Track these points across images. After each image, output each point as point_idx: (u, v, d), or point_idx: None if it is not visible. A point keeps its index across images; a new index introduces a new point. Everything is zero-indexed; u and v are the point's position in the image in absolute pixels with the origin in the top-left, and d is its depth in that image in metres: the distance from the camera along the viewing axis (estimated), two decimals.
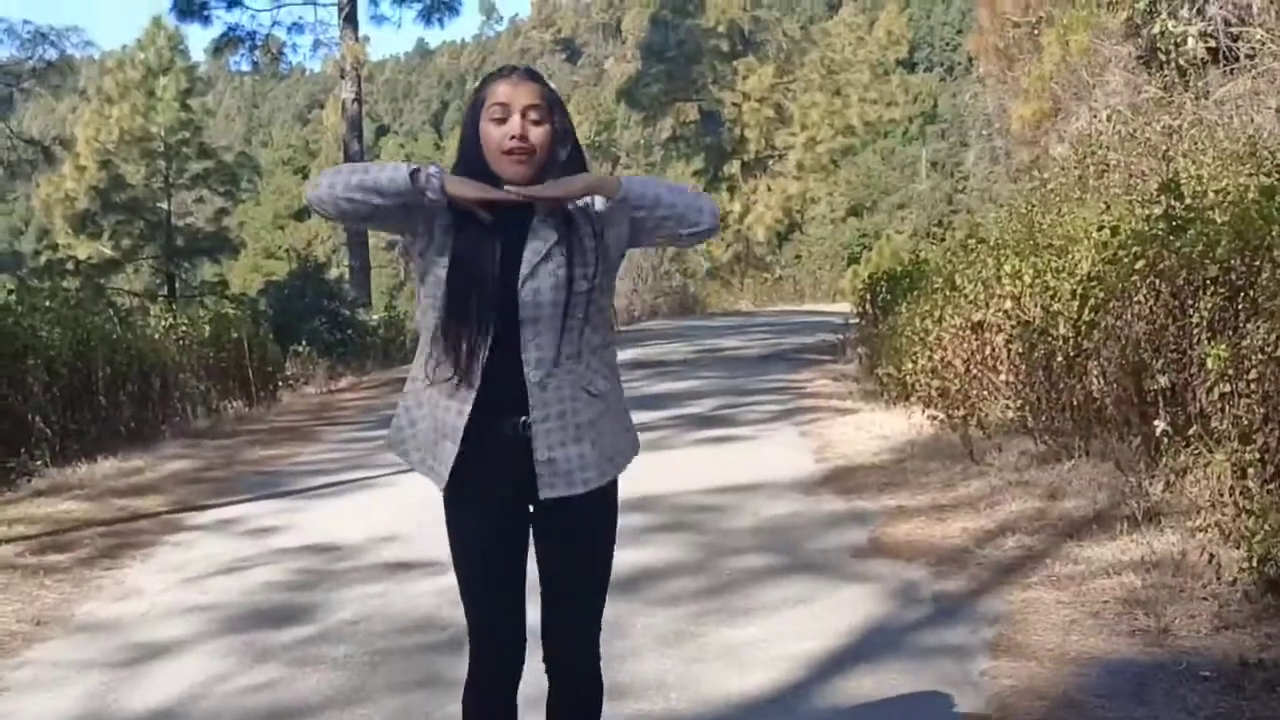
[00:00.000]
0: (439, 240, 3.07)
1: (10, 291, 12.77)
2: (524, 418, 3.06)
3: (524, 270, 3.03)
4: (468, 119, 3.14)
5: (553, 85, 3.22)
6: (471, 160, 3.09)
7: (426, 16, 33.11)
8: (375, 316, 28.03)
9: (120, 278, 30.79)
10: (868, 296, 16.43)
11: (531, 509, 3.19)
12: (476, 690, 3.32)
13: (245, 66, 33.78)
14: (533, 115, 3.03)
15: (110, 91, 33.52)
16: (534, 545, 3.25)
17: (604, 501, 3.22)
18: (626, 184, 3.04)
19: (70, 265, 28.40)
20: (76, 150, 31.80)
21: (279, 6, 32.11)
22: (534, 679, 3.32)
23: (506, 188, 3.02)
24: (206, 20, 31.83)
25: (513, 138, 3.01)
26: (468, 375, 3.05)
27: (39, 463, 10.30)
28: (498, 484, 3.13)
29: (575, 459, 3.11)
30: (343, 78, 32.13)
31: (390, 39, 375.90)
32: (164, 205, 31.12)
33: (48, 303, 12.61)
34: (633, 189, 3.05)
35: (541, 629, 3.28)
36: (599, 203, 3.07)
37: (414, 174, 2.94)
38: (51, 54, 21.62)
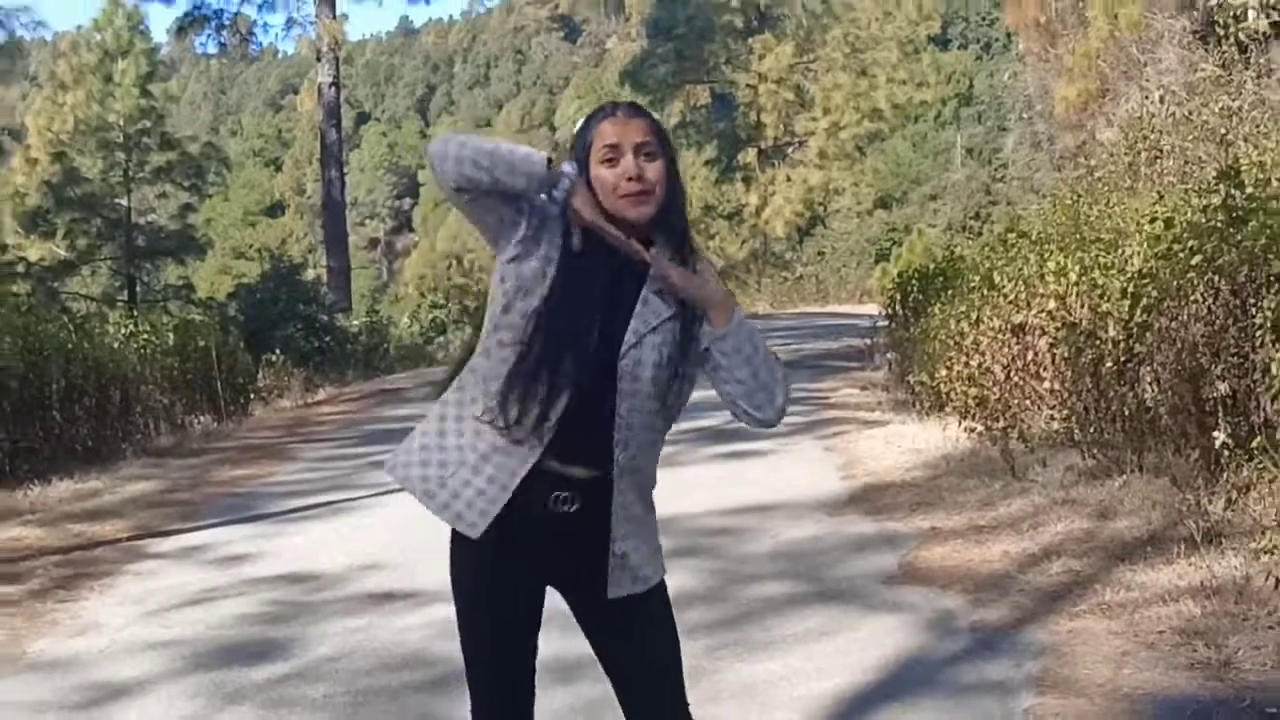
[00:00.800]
0: (538, 267, 2.96)
1: None
2: (585, 500, 2.99)
3: (630, 337, 2.95)
4: (579, 155, 3.03)
5: (657, 118, 3.15)
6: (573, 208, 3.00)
7: None
8: (356, 322, 28.13)
9: (76, 281, 30.82)
10: (898, 297, 16.39)
11: (572, 601, 3.17)
12: None
13: (212, 48, 34.02)
14: (647, 151, 2.97)
15: (64, 77, 33.56)
16: (598, 643, 3.21)
17: (663, 595, 3.19)
18: (737, 324, 2.98)
19: (20, 268, 28.41)
20: (27, 142, 31.88)
21: None
22: None
23: (632, 242, 2.94)
24: None
25: (630, 179, 2.94)
26: (531, 435, 2.93)
27: None
28: (533, 563, 3.06)
29: (643, 553, 3.09)
30: (319, 60, 32.26)
31: (371, 16, 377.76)
32: (123, 201, 31.14)
33: None
34: (739, 337, 2.98)
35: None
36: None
37: (549, 163, 2.89)
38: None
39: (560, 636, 5.12)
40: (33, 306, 14.96)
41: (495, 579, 3.07)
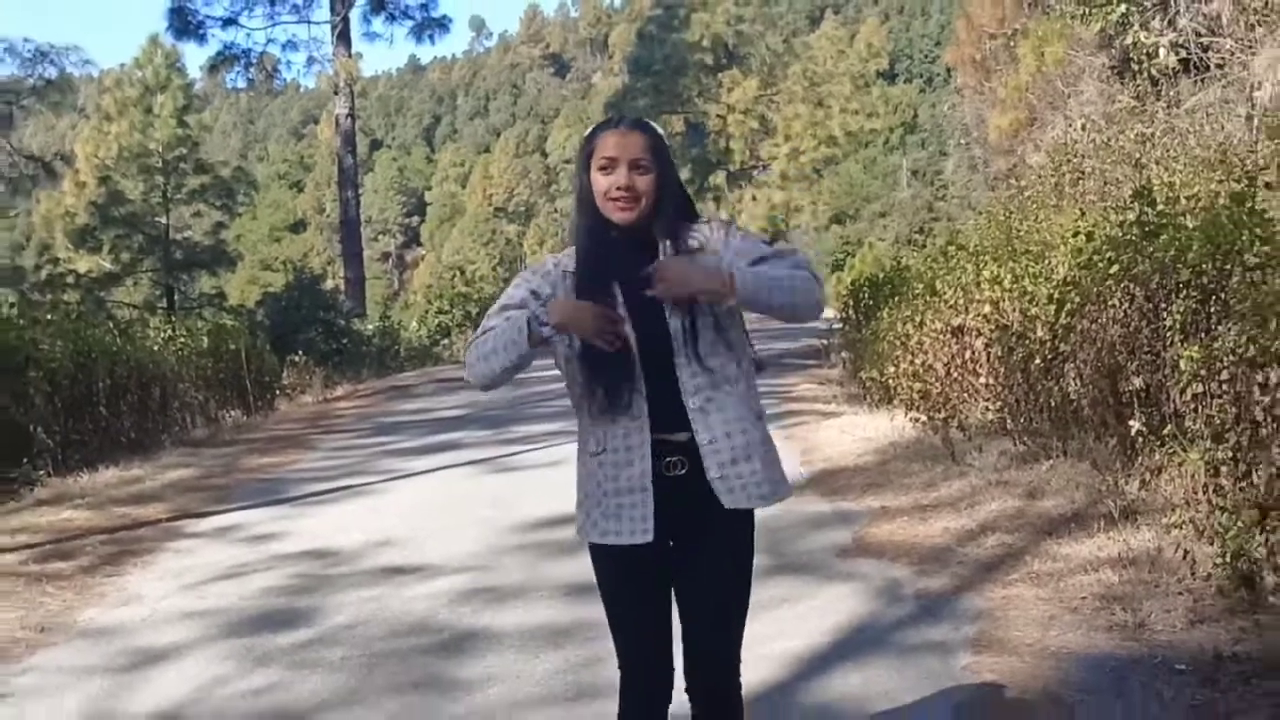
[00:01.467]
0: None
1: (12, 305, 12.74)
2: (678, 456, 3.09)
3: (667, 308, 3.05)
4: (580, 167, 3.16)
5: (657, 129, 3.23)
6: (588, 206, 3.13)
7: (418, 33, 33.27)
8: (370, 326, 28.10)
9: (120, 291, 30.72)
10: (851, 302, 16.44)
11: (672, 543, 3.18)
12: (635, 708, 3.26)
13: (241, 83, 33.89)
14: (640, 166, 3.07)
15: (109, 109, 33.50)
16: (678, 571, 3.21)
17: (750, 530, 3.21)
18: (740, 287, 2.96)
19: (70, 279, 28.32)
20: (76, 166, 31.79)
21: (273, 24, 32.17)
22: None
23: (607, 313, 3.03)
24: (202, 39, 31.87)
25: (619, 188, 3.04)
26: (630, 419, 3.08)
27: (41, 472, 10.30)
28: (657, 531, 3.10)
29: (748, 474, 3.11)
30: (336, 93, 32.20)
31: (382, 55, 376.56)
32: (162, 219, 31.08)
33: (49, 316, 12.61)
34: (745, 292, 2.97)
35: (685, 656, 3.20)
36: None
37: (529, 328, 3.01)
38: (51, 72, 21.63)
39: (547, 607, 5.12)
40: (81, 314, 14.92)
41: (646, 560, 3.14)
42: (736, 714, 3.25)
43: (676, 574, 3.19)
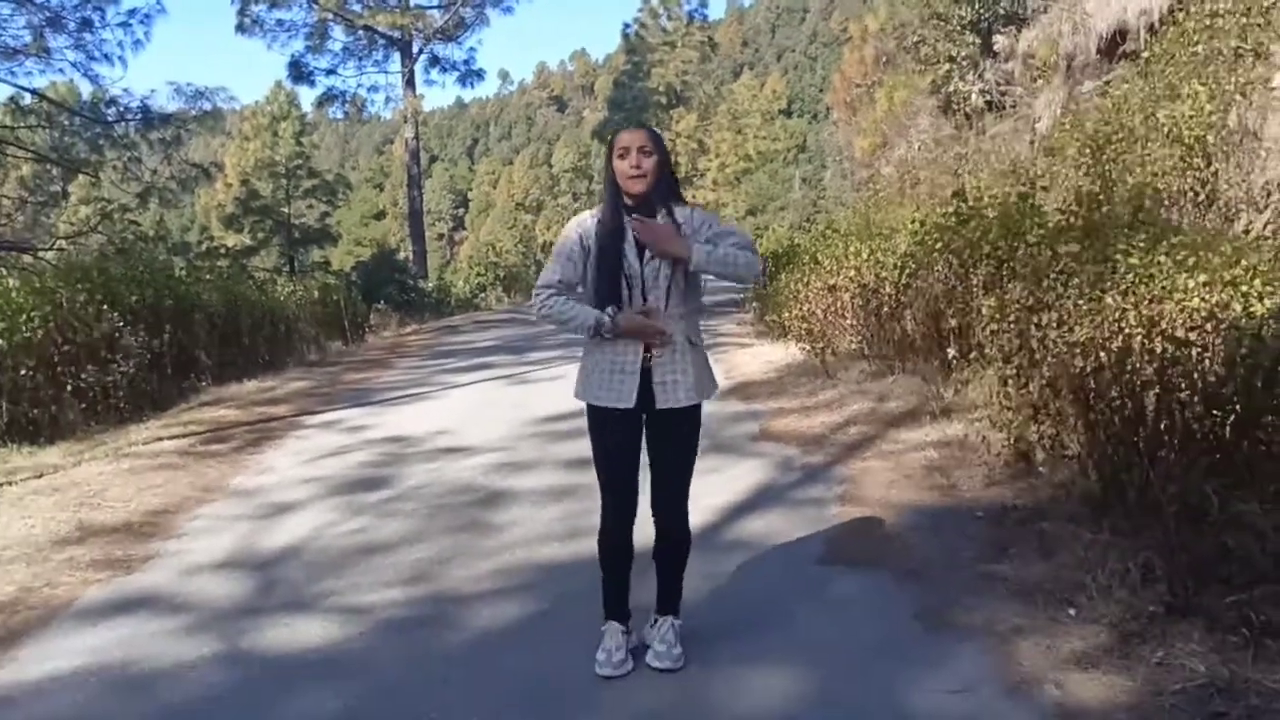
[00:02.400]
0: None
1: (182, 269, 12.60)
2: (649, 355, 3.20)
3: (647, 255, 3.16)
4: (608, 157, 3.23)
5: (657, 130, 3.34)
6: (613, 184, 3.21)
7: (462, 81, 32.96)
8: (430, 284, 27.92)
9: (256, 259, 30.38)
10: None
11: (645, 417, 3.26)
12: (608, 533, 3.35)
13: (339, 115, 33.31)
14: (644, 150, 3.16)
15: (247, 131, 33.18)
16: (647, 442, 3.31)
17: (694, 418, 3.32)
18: (697, 259, 3.11)
19: (222, 251, 27.99)
20: (225, 172, 31.42)
21: (362, 74, 31.78)
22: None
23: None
24: (312, 83, 31.51)
25: (633, 167, 3.14)
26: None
27: (204, 383, 10.24)
28: (637, 402, 3.21)
29: (681, 384, 3.21)
30: (405, 122, 31.85)
31: (437, 95, 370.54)
32: (285, 210, 30.76)
33: (207, 277, 12.49)
34: (700, 263, 3.12)
35: (651, 499, 3.33)
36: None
37: (598, 327, 3.16)
38: (207, 105, 21.19)
39: (552, 475, 5.11)
40: (230, 275, 14.75)
41: (627, 425, 3.26)
42: (687, 538, 3.40)
43: (649, 441, 3.30)
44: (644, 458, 3.33)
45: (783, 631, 3.56)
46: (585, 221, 3.26)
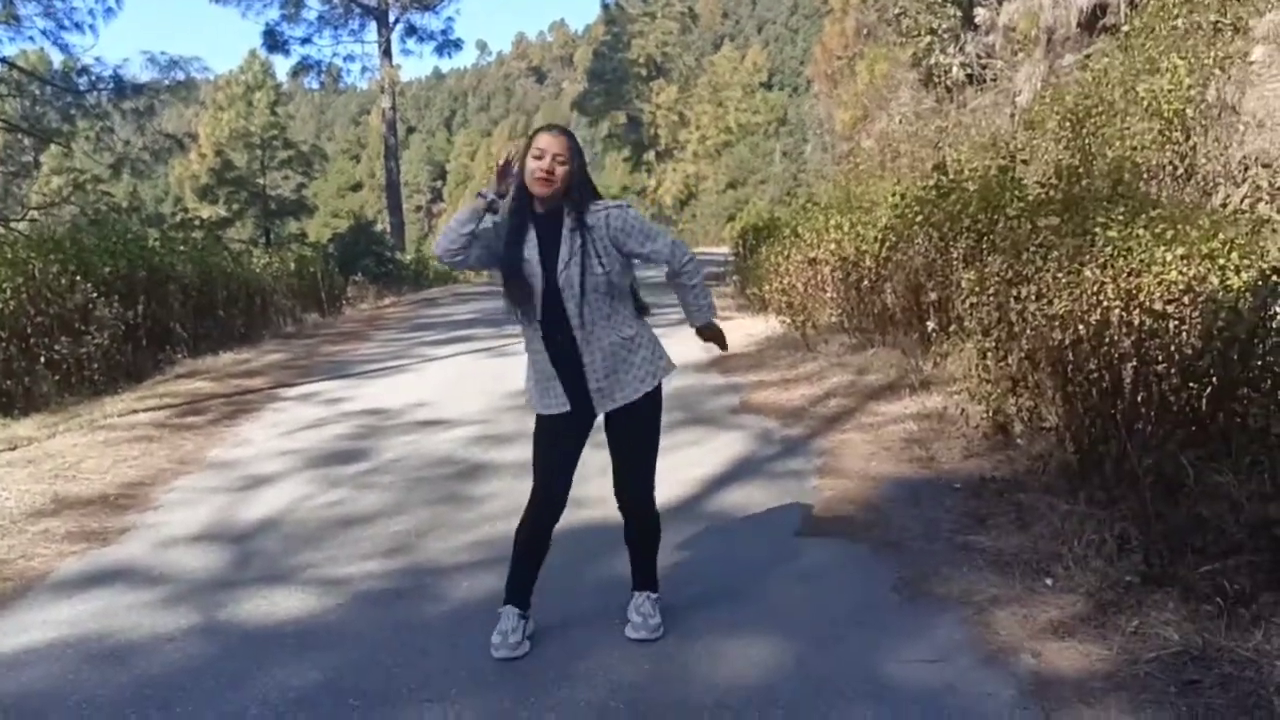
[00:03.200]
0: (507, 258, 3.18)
1: (156, 239, 12.47)
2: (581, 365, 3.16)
3: (559, 266, 3.10)
4: (524, 152, 3.18)
5: (578, 138, 3.24)
6: (520, 186, 3.15)
7: (439, 50, 32.74)
8: (408, 257, 27.75)
9: (231, 230, 30.10)
10: (740, 242, 16.39)
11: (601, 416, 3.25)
12: (526, 525, 3.33)
13: (315, 85, 33.06)
14: (559, 159, 3.10)
15: (221, 101, 32.79)
16: (606, 432, 3.29)
17: (651, 403, 3.25)
18: (712, 318, 3.39)
19: (197, 222, 27.69)
20: (199, 143, 31.09)
21: (338, 43, 31.60)
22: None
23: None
24: (287, 52, 31.25)
25: (543, 170, 3.08)
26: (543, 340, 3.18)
27: (179, 355, 10.17)
28: (579, 409, 3.20)
29: (617, 385, 3.17)
30: (382, 93, 31.64)
31: (414, 66, 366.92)
32: (261, 181, 30.48)
33: (182, 248, 12.37)
34: (710, 309, 3.37)
35: (615, 485, 3.33)
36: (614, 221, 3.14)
37: (482, 198, 3.13)
38: (180, 75, 20.96)
39: (529, 448, 5.04)
40: (206, 246, 14.61)
41: (568, 425, 3.23)
42: (655, 523, 3.40)
43: (608, 432, 3.29)
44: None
45: (760, 602, 3.57)
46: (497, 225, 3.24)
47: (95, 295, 8.87)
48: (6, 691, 3.13)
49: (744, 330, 10.36)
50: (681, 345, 9.76)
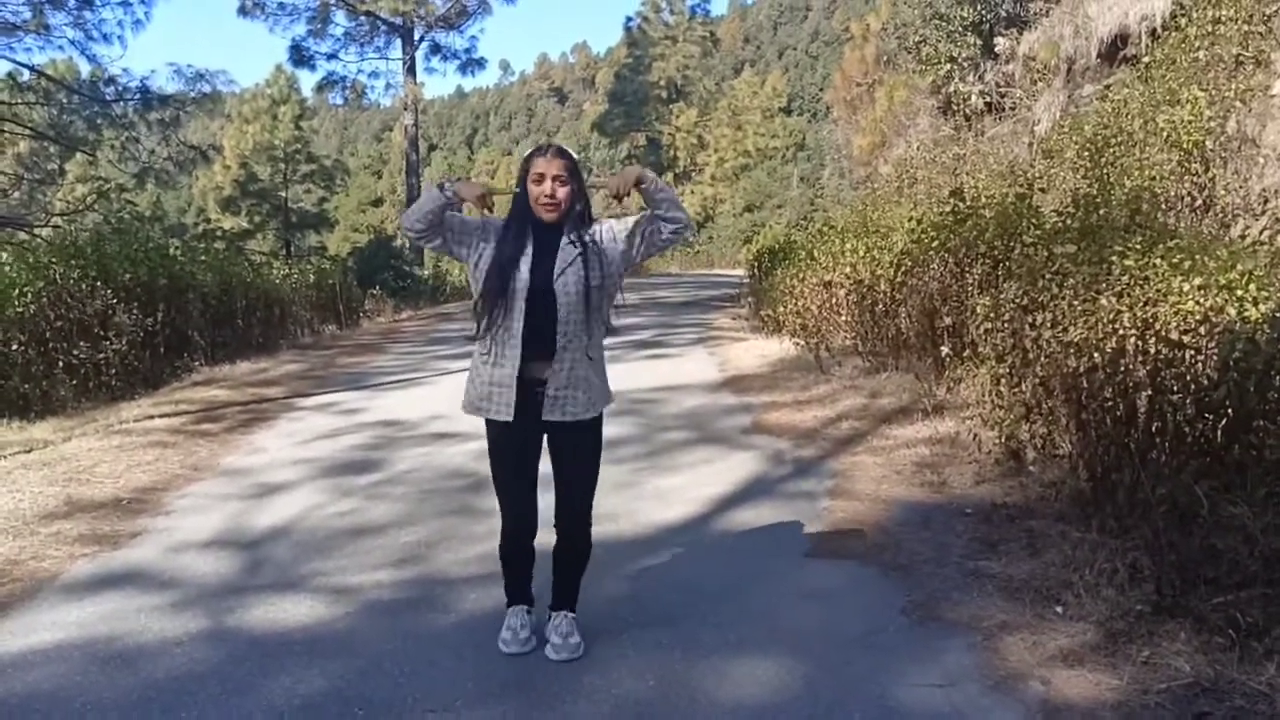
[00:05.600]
0: (486, 252, 3.15)
1: (177, 248, 12.56)
2: (547, 371, 3.13)
3: (557, 269, 3.10)
4: (520, 177, 3.19)
5: (576, 156, 3.23)
6: (522, 204, 3.17)
7: (463, 69, 32.84)
8: (425, 272, 27.82)
9: (253, 243, 30.33)
10: (756, 265, 16.40)
11: (545, 432, 3.24)
12: (505, 539, 3.36)
13: (339, 101, 33.19)
14: (559, 180, 3.11)
15: (246, 114, 33.00)
16: (550, 453, 3.28)
17: (594, 429, 3.27)
18: (654, 184, 3.12)
19: (219, 233, 27.98)
20: (223, 155, 31.34)
21: (363, 59, 31.69)
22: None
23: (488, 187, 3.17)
24: (313, 67, 31.42)
25: (547, 196, 3.11)
26: (506, 350, 3.13)
27: (197, 363, 10.22)
28: (529, 422, 3.17)
29: (576, 400, 3.17)
30: (405, 109, 31.74)
31: (437, 84, 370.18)
32: (283, 194, 30.71)
33: (202, 257, 12.45)
34: (659, 185, 3.13)
35: (555, 508, 3.31)
36: (617, 228, 3.19)
37: (441, 190, 3.10)
38: (206, 88, 21.10)
39: (543, 461, 5.05)
40: (227, 256, 14.71)
41: (511, 439, 3.21)
42: (587, 543, 3.36)
43: (552, 452, 3.28)
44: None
45: (769, 622, 3.55)
46: (495, 222, 3.23)
47: (115, 301, 8.94)
48: (12, 692, 3.13)
49: (757, 351, 10.36)
50: (693, 367, 9.82)
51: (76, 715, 2.96)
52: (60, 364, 8.25)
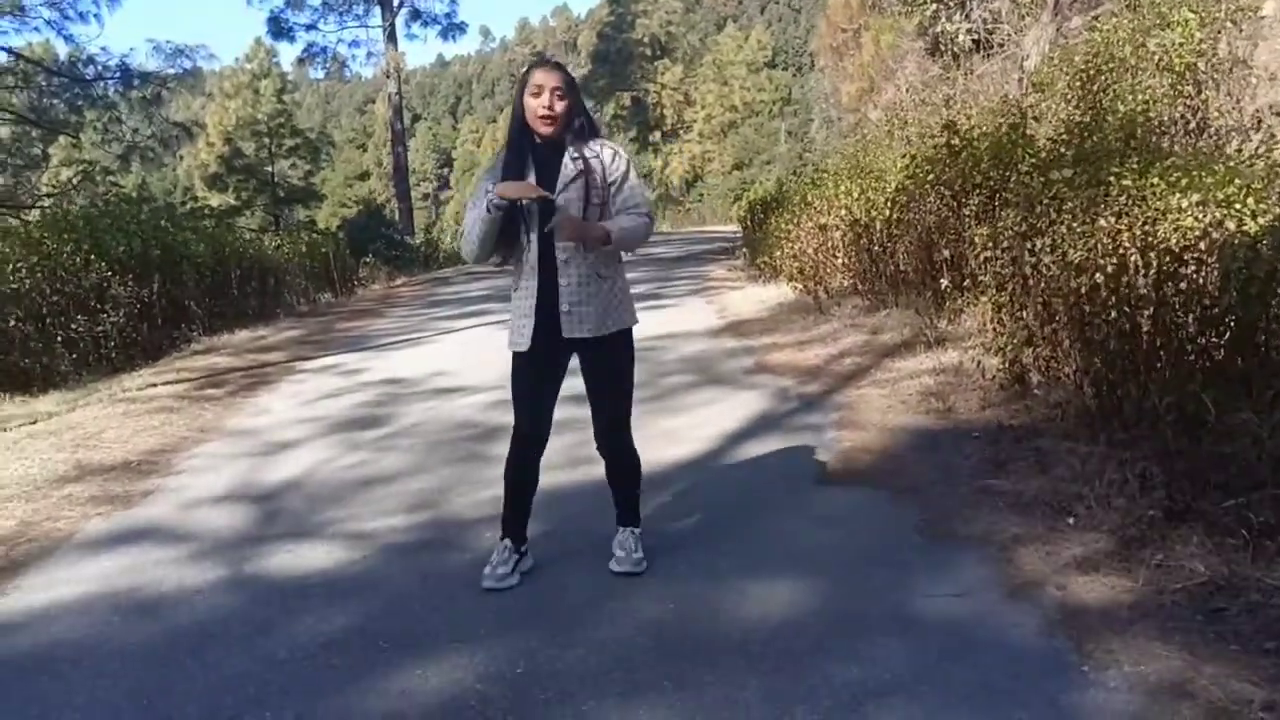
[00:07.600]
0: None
1: (166, 219, 12.49)
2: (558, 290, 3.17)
3: (559, 187, 3.11)
4: (518, 92, 3.17)
5: (570, 71, 3.23)
6: (519, 120, 3.16)
7: (444, 34, 32.49)
8: (417, 240, 27.75)
9: (242, 219, 30.14)
10: (748, 218, 16.37)
11: (577, 353, 3.28)
12: (511, 464, 3.38)
13: (320, 73, 32.88)
14: (558, 93, 3.10)
15: (228, 89, 32.73)
16: (582, 373, 3.32)
17: (623, 343, 3.31)
18: (614, 241, 3.13)
19: (207, 210, 27.75)
20: (207, 132, 31.09)
21: (343, 29, 31.28)
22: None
23: (535, 190, 3.09)
24: (292, 39, 31.01)
25: (545, 108, 3.10)
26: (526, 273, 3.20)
27: (195, 333, 10.21)
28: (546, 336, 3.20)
29: (590, 314, 3.19)
30: (387, 79, 31.39)
31: (418, 53, 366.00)
32: (269, 169, 30.49)
33: (192, 228, 12.40)
34: (617, 244, 3.15)
35: (593, 429, 3.36)
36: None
37: (488, 207, 3.09)
38: (187, 64, 20.89)
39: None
40: (215, 234, 14.67)
41: (533, 360, 3.25)
42: (635, 461, 3.45)
43: (584, 372, 3.33)
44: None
45: (785, 545, 3.57)
46: (496, 169, 3.21)
47: (110, 274, 8.89)
48: (38, 643, 3.14)
49: (756, 298, 10.35)
50: (692, 315, 9.81)
51: (105, 661, 2.98)
52: (59, 338, 8.23)
